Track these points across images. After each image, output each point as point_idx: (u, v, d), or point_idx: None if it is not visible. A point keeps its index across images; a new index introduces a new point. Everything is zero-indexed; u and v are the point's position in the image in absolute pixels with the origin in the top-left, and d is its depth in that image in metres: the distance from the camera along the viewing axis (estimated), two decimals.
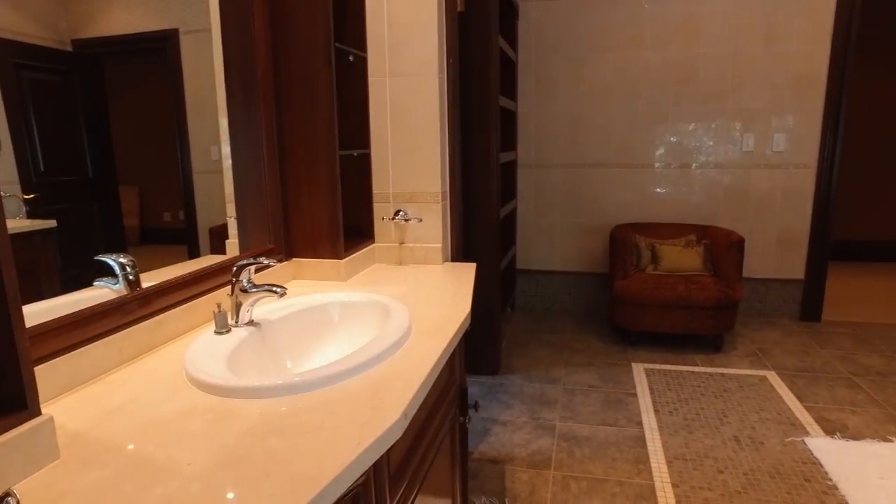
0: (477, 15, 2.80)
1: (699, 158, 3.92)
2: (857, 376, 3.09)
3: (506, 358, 3.36)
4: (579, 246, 4.15)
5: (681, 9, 3.74)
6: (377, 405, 0.92)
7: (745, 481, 2.17)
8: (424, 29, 1.82)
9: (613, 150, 3.99)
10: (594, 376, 3.09)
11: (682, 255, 3.55)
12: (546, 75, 3.97)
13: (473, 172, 2.87)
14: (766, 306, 4.06)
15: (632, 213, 4.03)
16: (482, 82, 2.82)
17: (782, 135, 3.82)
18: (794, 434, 2.50)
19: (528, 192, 4.13)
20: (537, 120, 4.03)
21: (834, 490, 2.12)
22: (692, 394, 2.87)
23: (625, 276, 3.47)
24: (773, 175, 3.88)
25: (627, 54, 3.86)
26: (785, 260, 3.98)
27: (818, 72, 3.70)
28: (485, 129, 2.84)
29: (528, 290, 4.27)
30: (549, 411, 2.71)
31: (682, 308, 3.28)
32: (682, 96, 3.86)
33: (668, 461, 2.30)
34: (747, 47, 3.74)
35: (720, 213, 3.97)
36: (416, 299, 1.54)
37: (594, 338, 3.67)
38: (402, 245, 1.97)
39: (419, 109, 1.87)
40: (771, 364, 3.25)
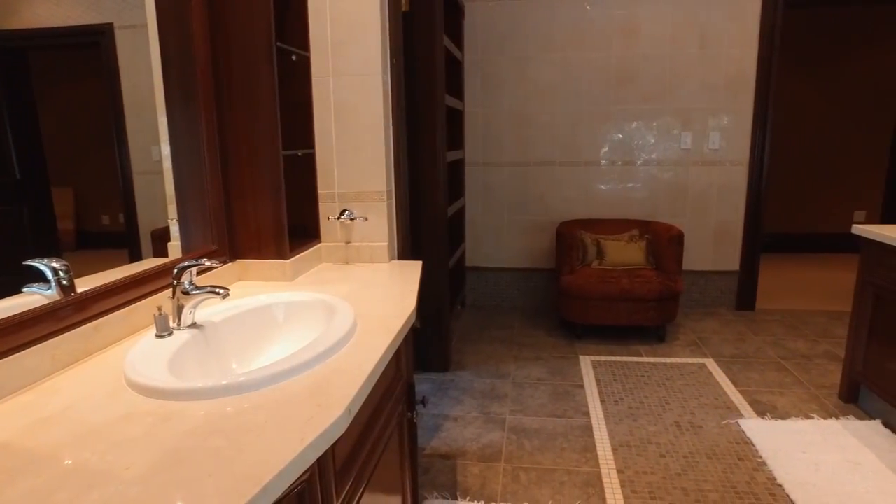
0: (422, 15, 2.81)
1: (641, 156, 4.06)
2: (786, 360, 3.28)
3: (456, 355, 3.40)
4: (527, 242, 4.23)
5: (620, 11, 3.87)
6: (321, 402, 0.93)
7: (684, 463, 2.27)
8: (367, 29, 1.83)
9: (559, 148, 4.08)
10: (543, 370, 3.17)
11: (626, 249, 3.67)
12: (492, 75, 4.03)
13: (420, 171, 2.89)
14: (705, 297, 4.24)
15: (578, 209, 4.14)
16: (428, 82, 2.84)
17: (717, 133, 4.00)
18: (729, 417, 2.63)
19: (476, 190, 4.19)
20: (484, 119, 4.09)
21: (763, 466, 2.25)
22: (636, 383, 2.98)
23: (571, 271, 3.56)
24: (709, 172, 4.06)
25: (571, 55, 3.95)
26: (721, 253, 4.17)
27: (748, 74, 3.90)
28: (431, 128, 2.87)
29: (477, 288, 4.33)
30: (500, 405, 2.77)
31: (627, 301, 3.39)
32: (623, 96, 3.99)
33: (614, 448, 2.38)
34: (683, 50, 3.90)
35: (661, 208, 4.12)
36: (362, 298, 1.55)
37: (543, 332, 3.75)
38: (348, 244, 1.97)
39: (363, 109, 1.87)
40: (709, 352, 3.41)
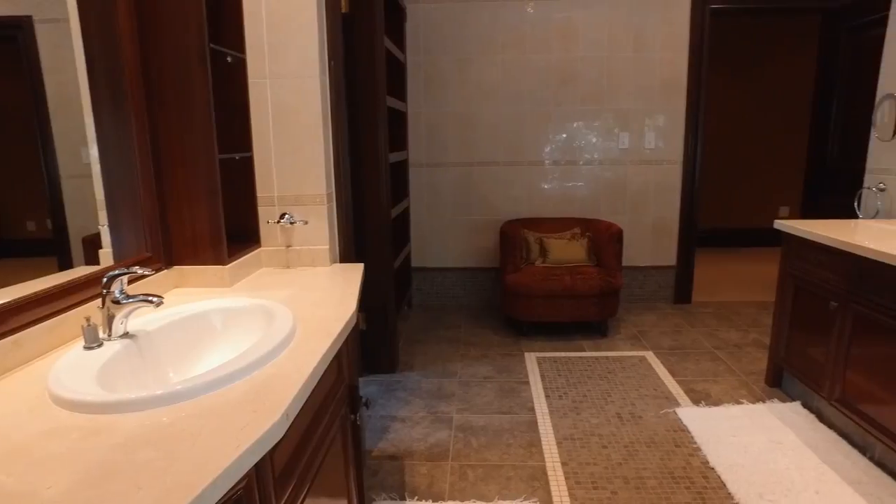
0: (362, 16, 2.81)
1: (582, 155, 4.17)
2: (719, 350, 3.44)
3: (404, 355, 3.41)
4: (472, 242, 4.28)
5: (559, 14, 3.96)
6: (258, 408, 0.92)
7: (625, 453, 2.36)
8: (304, 30, 1.81)
9: (502, 148, 4.15)
10: (489, 368, 3.21)
11: (568, 247, 3.77)
12: (435, 76, 4.06)
13: (363, 173, 2.88)
14: (645, 291, 4.39)
15: (521, 208, 4.21)
16: (369, 83, 2.84)
17: (653, 133, 4.15)
18: (667, 406, 2.74)
19: (421, 191, 4.21)
20: (427, 120, 4.11)
21: (698, 451, 2.36)
22: (580, 377, 3.07)
23: (515, 269, 3.63)
24: (646, 170, 4.21)
25: (512, 56, 4.02)
26: (659, 248, 4.33)
27: (680, 77, 4.06)
28: (373, 129, 2.86)
29: (424, 288, 4.35)
30: (447, 404, 2.79)
31: (570, 298, 3.48)
32: (563, 97, 4.09)
33: (559, 442, 2.45)
34: (619, 53, 4.03)
35: (602, 206, 4.25)
36: (302, 302, 1.54)
37: (489, 330, 3.81)
38: (288, 248, 1.95)
39: (301, 111, 1.86)
40: (649, 345, 3.54)
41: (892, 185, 2.84)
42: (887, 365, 2.13)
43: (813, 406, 2.68)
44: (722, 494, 2.09)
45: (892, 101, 2.76)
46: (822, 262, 2.48)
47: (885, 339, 2.13)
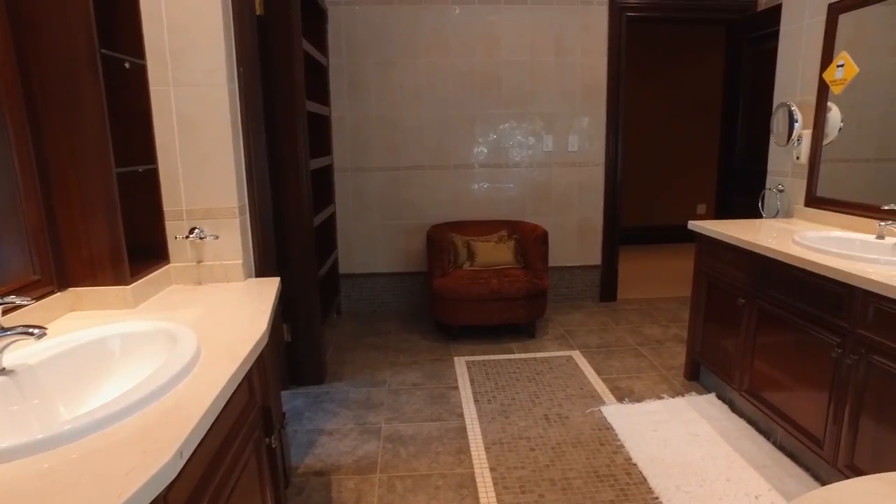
0: (278, 18, 2.72)
1: (508, 158, 4.22)
2: (642, 346, 3.57)
3: (332, 365, 3.33)
4: (401, 247, 4.25)
5: (482, 18, 3.99)
6: (149, 447, 0.86)
7: (552, 455, 2.39)
8: (209, 36, 1.73)
9: (428, 152, 4.14)
10: (418, 374, 3.19)
11: (496, 250, 3.80)
12: (358, 79, 3.99)
13: (283, 181, 2.80)
14: (572, 291, 4.50)
15: (449, 212, 4.22)
16: (287, 87, 2.75)
17: (576, 137, 4.26)
18: (593, 405, 2.81)
19: (347, 197, 4.13)
20: (352, 124, 4.04)
21: (621, 448, 2.43)
22: (509, 380, 3.10)
23: (443, 274, 3.62)
24: (570, 172, 4.31)
25: (436, 60, 4.02)
26: (585, 248, 4.45)
27: (600, 82, 4.19)
28: (292, 135, 2.78)
29: (353, 294, 4.28)
30: (375, 415, 2.75)
31: (497, 301, 3.51)
32: (487, 101, 4.12)
33: (487, 447, 2.46)
34: (542, 57, 4.10)
35: (528, 208, 4.32)
36: (211, 322, 1.46)
37: (419, 336, 3.79)
38: (200, 264, 1.85)
39: (209, 121, 1.77)
40: (576, 344, 3.62)
41: (790, 186, 3.03)
42: (784, 356, 2.26)
43: (726, 397, 2.82)
44: (643, 490, 2.15)
45: (785, 109, 2.94)
46: (731, 260, 2.62)
47: (783, 332, 2.26)
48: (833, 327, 2.00)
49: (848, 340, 1.94)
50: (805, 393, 2.17)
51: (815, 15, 2.81)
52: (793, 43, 2.99)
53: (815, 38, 2.80)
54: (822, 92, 2.76)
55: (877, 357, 1.83)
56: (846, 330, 1.94)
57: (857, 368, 1.90)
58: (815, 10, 2.80)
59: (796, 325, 2.19)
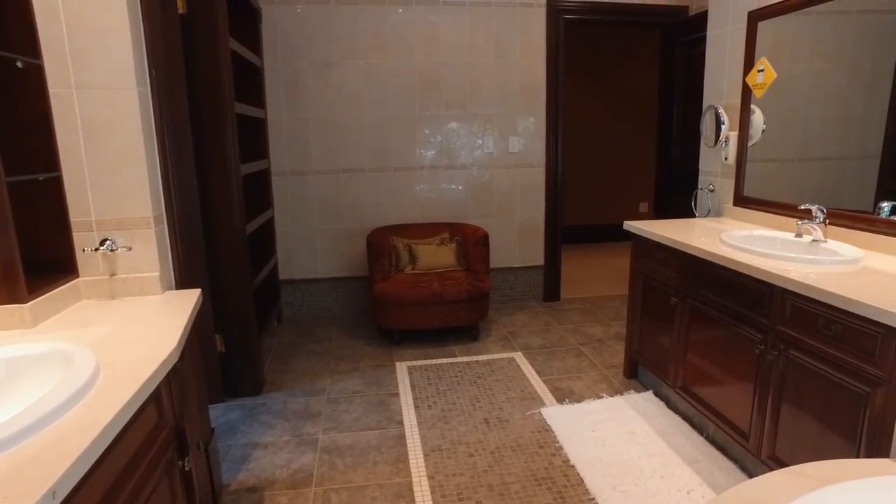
0: (202, 17, 2.61)
1: (449, 161, 4.20)
2: (584, 346, 3.61)
3: (271, 375, 3.23)
4: (342, 251, 4.17)
5: (420, 19, 3.96)
6: (16, 491, 0.78)
7: (491, 460, 2.38)
8: (114, 34, 1.63)
9: (368, 154, 4.07)
10: (359, 381, 3.13)
11: (437, 253, 3.78)
12: (295, 81, 3.90)
13: (212, 187, 2.69)
14: (515, 292, 4.52)
15: (390, 215, 4.17)
16: (213, 89, 2.65)
17: (517, 138, 4.27)
18: (533, 407, 2.81)
19: (285, 201, 4.03)
20: (289, 127, 3.94)
21: (560, 450, 2.44)
22: (450, 385, 3.07)
23: (384, 278, 3.57)
24: (511, 174, 4.32)
25: (374, 61, 3.96)
26: (527, 249, 4.48)
27: (539, 83, 4.22)
28: (220, 140, 2.67)
29: (294, 301, 4.17)
30: (313, 425, 2.67)
31: (439, 304, 3.48)
32: (427, 102, 4.09)
33: (426, 454, 2.42)
34: (481, 59, 4.10)
35: (470, 210, 4.31)
36: (118, 340, 1.37)
37: (361, 342, 3.72)
38: (112, 277, 1.75)
39: (118, 126, 1.67)
40: (518, 345, 3.63)
41: (720, 186, 3.12)
42: (714, 353, 2.32)
43: (662, 394, 2.87)
44: (580, 491, 2.16)
45: (713, 112, 3.03)
46: (664, 260, 2.67)
47: (713, 329, 2.32)
48: (756, 324, 2.06)
49: (769, 337, 2.00)
50: (733, 388, 2.23)
51: (737, 22, 2.90)
52: (718, 48, 3.08)
53: (738, 43, 2.89)
54: (745, 95, 2.85)
55: (794, 352, 1.89)
56: (768, 326, 2.00)
57: (778, 363, 1.96)
58: (737, 17, 2.89)
59: (724, 322, 2.25)
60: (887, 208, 2.23)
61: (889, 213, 2.23)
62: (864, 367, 1.65)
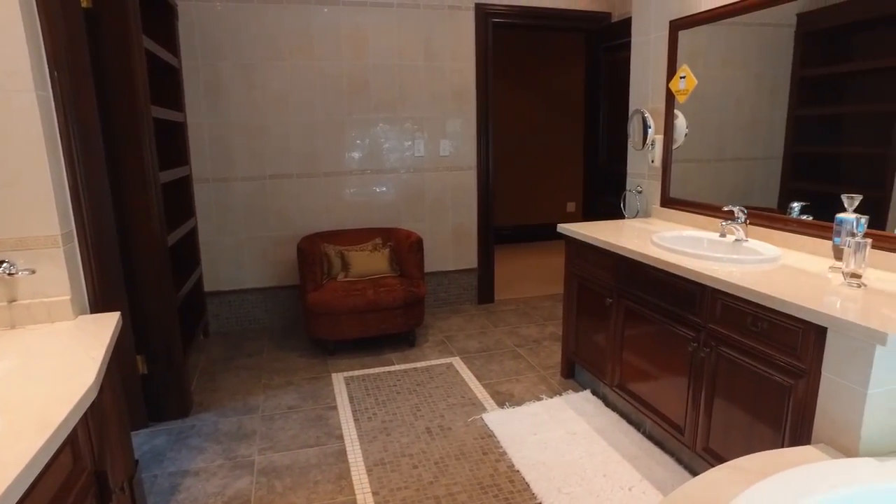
0: (110, 12, 2.41)
1: (380, 164, 4.13)
2: (520, 347, 3.64)
3: (199, 394, 3.05)
4: (271, 260, 4.00)
5: (348, 20, 3.86)
6: None
7: (436, 470, 2.34)
8: (7, 31, 1.46)
9: (296, 159, 3.93)
10: (294, 396, 3.01)
11: (370, 259, 3.70)
12: (216, 83, 3.70)
13: (128, 197, 2.49)
14: (450, 296, 4.51)
15: (320, 221, 4.04)
16: (126, 91, 2.45)
17: (447, 141, 4.25)
18: (474, 413, 2.80)
19: (209, 209, 3.82)
20: (211, 131, 3.73)
21: (504, 455, 2.43)
22: (389, 394, 3.01)
23: (316, 287, 3.45)
24: (443, 177, 4.30)
25: (300, 63, 3.82)
26: (461, 251, 4.47)
27: (469, 86, 4.22)
28: (136, 145, 2.48)
29: (221, 313, 3.96)
30: (247, 446, 2.54)
31: (374, 311, 3.41)
32: (356, 106, 4.00)
33: (369, 469, 2.35)
34: (411, 61, 4.05)
35: (403, 215, 4.25)
36: (21, 379, 1.22)
37: (294, 354, 3.58)
38: (13, 304, 1.57)
39: (14, 134, 1.50)
40: (456, 349, 3.61)
41: (647, 187, 3.22)
42: (649, 351, 2.39)
43: (600, 392, 2.93)
44: (527, 496, 2.16)
45: (640, 116, 3.13)
46: (598, 262, 2.72)
47: (647, 328, 2.38)
48: (689, 323, 2.13)
49: (701, 334, 2.07)
50: (668, 385, 2.29)
51: (659, 30, 3.00)
52: (642, 54, 3.18)
53: (661, 50, 2.99)
54: (669, 100, 2.96)
55: (724, 349, 1.97)
56: (700, 325, 2.07)
57: (710, 359, 2.04)
58: (660, 26, 3.00)
59: (658, 321, 2.31)
60: (797, 208, 2.38)
61: (799, 212, 2.37)
62: (788, 361, 1.73)
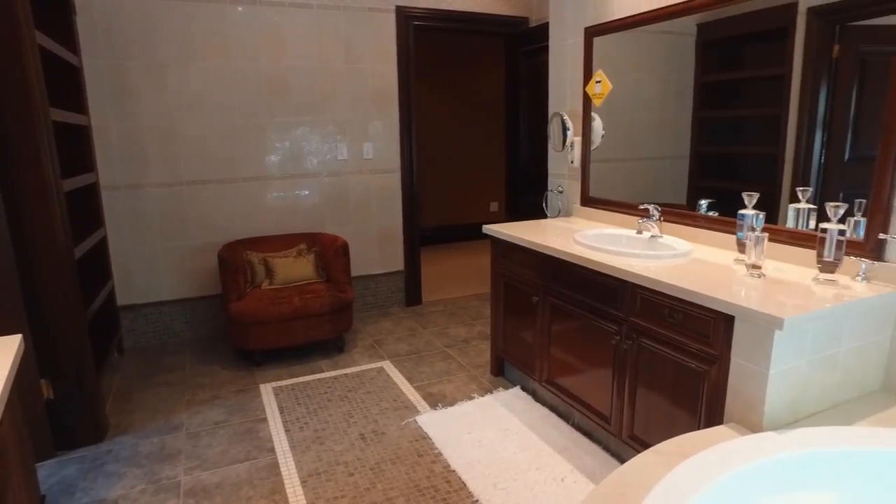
0: None
1: (303, 169, 4.04)
2: (450, 348, 3.68)
3: (115, 416, 2.87)
4: (191, 269, 3.82)
5: (265, 20, 3.75)
6: None
7: (372, 476, 2.33)
8: None
9: (214, 164, 3.78)
10: (221, 410, 2.89)
11: (295, 265, 3.62)
12: (125, 84, 3.49)
13: (25, 208, 2.31)
14: (378, 299, 4.48)
15: (242, 228, 3.91)
16: (18, 92, 2.26)
17: (370, 144, 4.23)
18: (408, 416, 2.80)
19: (119, 218, 3.59)
20: (119, 135, 3.52)
21: (439, 456, 2.45)
22: (320, 402, 2.96)
23: (239, 296, 3.34)
24: (367, 180, 4.27)
25: (217, 64, 3.68)
26: (387, 255, 4.46)
27: (391, 89, 4.21)
28: (33, 151, 2.30)
29: (137, 328, 3.75)
30: (172, 466, 2.42)
31: (301, 319, 3.34)
32: (276, 108, 3.89)
33: (303, 480, 2.30)
34: (331, 63, 3.99)
35: (328, 219, 4.19)
36: None
37: (219, 367, 3.44)
38: None
39: None
40: (386, 353, 3.60)
41: (568, 187, 3.35)
42: (575, 346, 2.48)
43: (529, 388, 3.01)
44: (463, 495, 2.19)
45: (559, 119, 3.25)
46: (523, 261, 2.79)
47: (573, 324, 2.48)
48: (612, 317, 2.23)
49: (623, 328, 2.18)
50: (594, 377, 2.40)
51: (575, 35, 3.13)
52: (560, 59, 3.30)
53: (578, 56, 3.12)
54: (586, 104, 3.09)
55: (645, 340, 2.08)
56: (622, 318, 2.18)
57: (632, 351, 2.15)
58: (576, 32, 3.12)
59: (583, 317, 2.41)
60: (705, 205, 2.55)
61: (706, 209, 2.54)
62: (701, 348, 1.86)
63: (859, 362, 1.84)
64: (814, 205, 2.08)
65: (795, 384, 1.71)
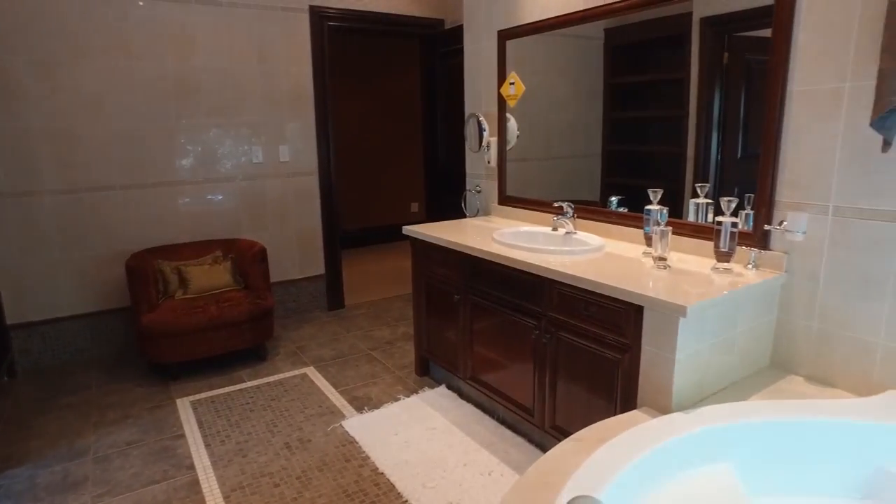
0: None
1: (216, 173, 3.88)
2: (374, 350, 3.66)
3: (7, 447, 2.62)
4: (94, 281, 3.57)
5: (170, 17, 3.56)
6: None
7: (299, 485, 2.28)
8: None
9: (118, 169, 3.55)
10: (133, 430, 2.73)
11: (211, 273, 3.47)
12: (8, 83, 3.20)
13: None
14: (300, 305, 4.39)
15: (152, 236, 3.70)
16: None
17: (286, 146, 4.13)
18: (333, 421, 2.76)
19: (7, 229, 3.28)
20: (6, 139, 3.23)
21: (367, 460, 2.44)
22: (242, 413, 2.86)
23: (151, 307, 3.17)
24: (284, 184, 4.17)
25: (117, 63, 3.46)
26: (307, 259, 4.37)
27: (306, 90, 4.13)
28: None
29: (31, 348, 3.45)
30: (77, 496, 2.25)
31: (219, 328, 3.21)
32: (185, 110, 3.72)
33: (226, 496, 2.22)
34: (243, 64, 3.86)
35: (244, 224, 4.05)
36: None
37: (130, 383, 3.24)
38: None
39: None
40: (309, 359, 3.53)
41: (486, 187, 3.42)
42: (497, 342, 2.54)
43: (455, 386, 3.05)
44: (392, 497, 2.19)
45: (475, 120, 3.31)
46: (443, 261, 2.83)
47: (494, 321, 2.54)
48: (531, 312, 2.31)
49: (542, 322, 2.25)
50: (516, 372, 2.46)
51: (489, 39, 3.20)
52: (474, 61, 3.36)
53: (492, 58, 3.19)
54: (501, 105, 3.17)
55: (563, 333, 2.17)
56: (540, 313, 2.26)
57: (551, 345, 2.23)
58: (490, 35, 3.20)
59: (504, 313, 2.47)
60: (615, 202, 2.69)
61: (617, 205, 2.68)
62: (615, 338, 1.96)
63: (752, 342, 2.01)
64: (711, 200, 2.24)
65: (699, 367, 1.84)
